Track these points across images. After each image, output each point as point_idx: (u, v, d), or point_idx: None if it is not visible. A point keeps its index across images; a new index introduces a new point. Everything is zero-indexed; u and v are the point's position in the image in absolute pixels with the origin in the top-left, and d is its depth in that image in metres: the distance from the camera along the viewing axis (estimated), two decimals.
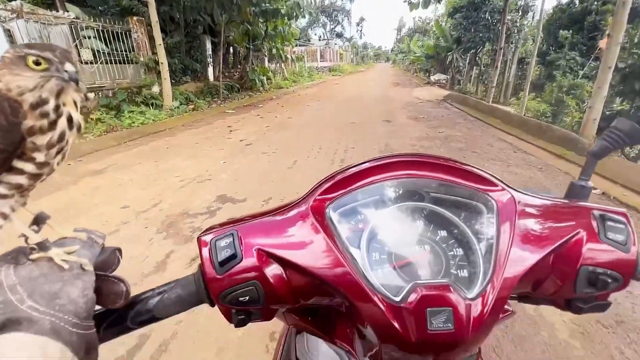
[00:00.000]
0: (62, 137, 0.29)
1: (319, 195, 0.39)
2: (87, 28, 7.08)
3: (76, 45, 6.87)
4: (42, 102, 0.27)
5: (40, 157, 0.28)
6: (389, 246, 0.36)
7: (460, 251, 0.35)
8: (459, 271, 0.34)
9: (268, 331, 1.62)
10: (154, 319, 0.36)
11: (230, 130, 5.97)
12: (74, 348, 0.26)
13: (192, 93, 9.11)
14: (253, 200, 3.02)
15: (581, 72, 12.58)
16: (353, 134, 5.59)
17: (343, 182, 0.40)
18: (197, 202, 2.97)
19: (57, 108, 0.28)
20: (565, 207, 0.41)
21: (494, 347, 1.55)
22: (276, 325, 1.55)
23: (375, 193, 0.40)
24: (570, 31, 13.79)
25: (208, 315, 1.72)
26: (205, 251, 0.35)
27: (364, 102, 10.06)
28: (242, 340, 1.59)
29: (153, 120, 6.59)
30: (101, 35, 7.20)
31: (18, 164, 0.27)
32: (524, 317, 1.73)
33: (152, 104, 7.41)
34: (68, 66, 0.28)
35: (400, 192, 0.40)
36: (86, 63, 6.99)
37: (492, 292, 0.31)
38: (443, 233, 0.37)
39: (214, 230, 0.37)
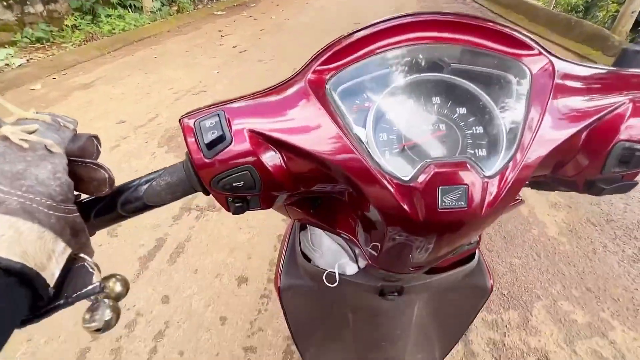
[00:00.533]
0: None
1: (317, 66, 0.33)
2: None
3: None
4: None
5: None
6: (398, 126, 0.31)
7: (480, 129, 0.30)
8: (476, 150, 0.30)
9: (275, 234, 1.74)
10: (145, 206, 0.34)
11: (222, 36, 5.40)
12: (55, 230, 0.25)
13: None
14: None
15: None
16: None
17: (346, 50, 0.33)
18: None
19: None
20: (613, 75, 0.34)
21: (486, 243, 1.66)
22: (283, 228, 1.66)
23: (383, 65, 0.33)
24: None
25: (217, 220, 1.83)
26: (189, 133, 0.31)
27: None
28: (252, 241, 1.72)
29: (134, 25, 5.92)
30: None
31: None
32: (517, 216, 1.81)
33: (130, 6, 6.55)
34: None
35: (414, 62, 0.33)
36: None
37: (513, 171, 0.28)
38: (462, 110, 0.32)
39: (197, 112, 0.33)
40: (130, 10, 6.53)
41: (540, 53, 0.33)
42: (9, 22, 5.08)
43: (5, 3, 5.01)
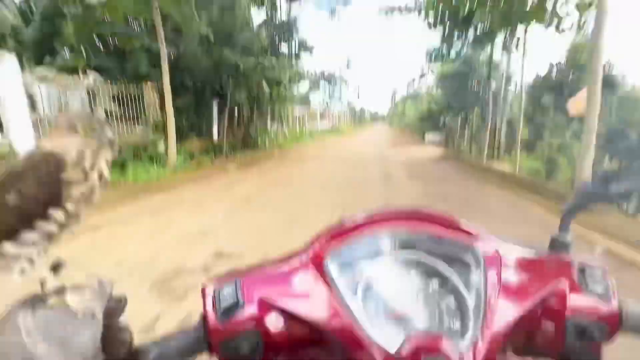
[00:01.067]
0: (92, 189, 0.32)
1: (318, 247, 0.42)
2: (103, 92, 7.67)
3: (91, 107, 7.36)
4: (82, 159, 0.31)
5: (71, 207, 0.31)
6: (384, 297, 0.37)
7: (452, 302, 0.37)
8: (451, 323, 0.35)
9: None
10: None
11: (231, 187, 6.06)
12: None
13: (197, 151, 9.48)
14: (250, 257, 2.93)
15: (567, 134, 13.31)
16: (352, 192, 5.68)
17: (340, 234, 0.44)
18: (193, 258, 2.88)
19: (92, 165, 0.31)
20: (548, 260, 0.44)
21: None
22: None
23: (370, 245, 0.42)
24: (552, 97, 14.95)
25: None
26: (209, 300, 0.36)
27: (363, 160, 10.41)
28: None
29: (156, 176, 6.74)
30: (116, 98, 7.76)
31: (52, 212, 0.30)
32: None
33: (156, 161, 7.66)
34: (108, 132, 0.32)
35: (394, 243, 0.43)
36: None
37: (483, 344, 0.32)
38: (436, 284, 0.39)
39: (218, 280, 0.39)
40: (156, 164, 7.59)
41: (487, 241, 0.42)
42: None
43: None
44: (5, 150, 5.22)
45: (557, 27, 7.03)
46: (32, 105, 6.50)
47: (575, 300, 0.36)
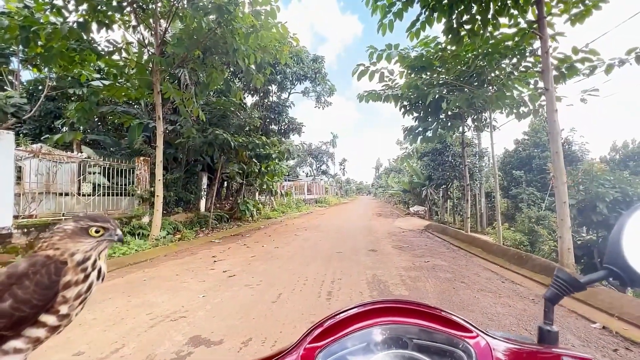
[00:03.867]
0: (89, 287, 0.34)
1: (308, 344, 0.41)
2: (94, 165, 7.80)
3: (79, 181, 7.38)
4: (87, 259, 0.33)
5: (64, 309, 0.32)
6: None
7: None
8: None
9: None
10: None
11: (215, 261, 5.82)
12: None
13: (182, 223, 9.30)
14: (230, 342, 2.69)
15: (543, 205, 13.95)
16: (340, 264, 5.54)
17: (331, 329, 0.43)
18: (165, 346, 2.61)
19: (94, 262, 0.34)
20: (538, 353, 0.43)
21: None
22: None
23: (362, 340, 0.41)
24: (523, 171, 16.08)
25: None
26: None
27: (349, 232, 10.38)
28: None
29: (136, 250, 6.45)
30: (107, 171, 7.88)
31: (43, 317, 0.31)
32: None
33: (138, 234, 7.42)
34: (118, 231, 0.36)
35: (386, 338, 0.42)
36: (84, 195, 7.36)
37: None
38: None
39: None
40: (136, 237, 7.34)
41: (478, 335, 0.43)
42: (18, 244, 5.50)
43: (25, 229, 5.64)
44: None
45: (515, 115, 7.98)
46: (19, 178, 6.49)
47: None
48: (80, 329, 2.91)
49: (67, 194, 7.03)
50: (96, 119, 11.23)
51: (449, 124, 9.70)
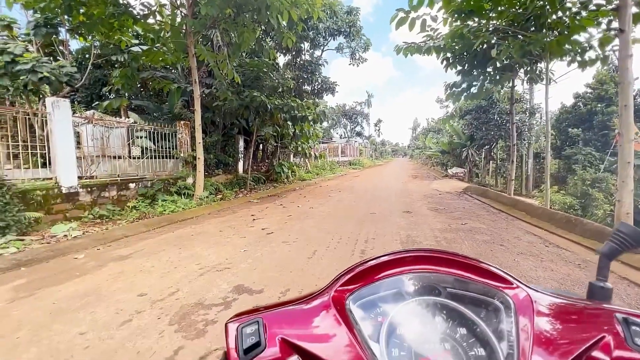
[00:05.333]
0: None
1: (339, 287, 0.41)
2: (141, 130, 8.31)
3: (129, 144, 7.96)
4: None
5: None
6: (408, 342, 0.35)
7: (481, 351, 0.34)
8: None
9: None
10: None
11: (254, 219, 6.16)
12: None
13: (222, 184, 9.83)
14: (270, 292, 2.92)
15: (602, 166, 12.65)
16: (373, 225, 5.60)
17: (362, 274, 0.42)
18: (213, 292, 2.90)
19: None
20: (587, 309, 0.40)
21: None
22: None
23: (393, 286, 0.41)
24: (581, 129, 14.45)
25: None
26: (232, 338, 0.36)
27: (384, 194, 10.32)
28: None
29: (183, 208, 7.00)
30: (151, 135, 8.38)
31: None
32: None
33: (184, 194, 8.00)
34: None
35: (418, 286, 0.41)
36: (134, 158, 7.96)
37: None
38: (463, 330, 0.37)
39: (241, 317, 0.40)
40: (183, 197, 7.93)
41: (518, 287, 0.40)
42: (85, 202, 6.21)
43: (89, 188, 6.32)
44: (50, 185, 5.67)
45: (579, 63, 6.98)
46: (78, 143, 7.13)
47: (621, 356, 0.32)
48: (141, 275, 3.32)
49: (119, 157, 7.64)
50: (138, 85, 11.71)
51: (498, 77, 8.80)
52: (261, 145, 14.55)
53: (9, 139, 5.48)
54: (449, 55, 8.41)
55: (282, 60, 14.51)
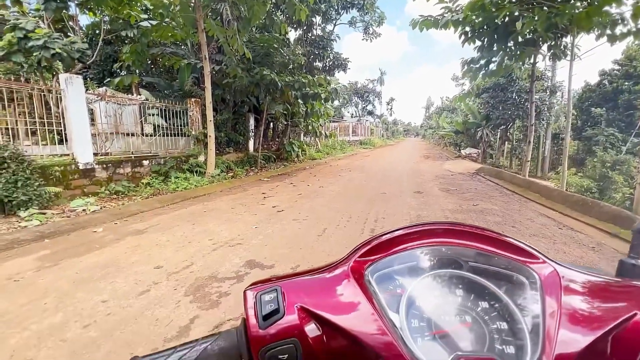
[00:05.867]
0: None
1: (358, 258, 0.41)
2: (152, 107, 8.35)
3: (141, 121, 8.03)
4: None
5: None
6: (427, 314, 0.35)
7: (504, 325, 0.34)
8: (504, 347, 0.32)
9: None
10: None
11: (264, 197, 6.24)
12: None
13: (233, 162, 9.91)
14: (281, 267, 2.99)
15: (624, 148, 12.14)
16: (383, 205, 5.59)
17: (382, 246, 0.42)
18: (226, 266, 2.99)
19: None
20: (617, 286, 0.39)
21: None
22: None
23: (413, 259, 0.41)
24: (604, 108, 13.78)
25: None
26: (251, 304, 0.37)
27: (395, 174, 10.24)
28: None
29: (195, 185, 7.13)
30: (163, 113, 8.42)
31: None
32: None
33: (196, 171, 8.12)
34: None
35: (438, 259, 0.40)
36: (146, 135, 8.06)
37: None
38: (484, 304, 0.36)
39: (259, 285, 0.40)
40: (195, 174, 8.05)
41: (544, 261, 0.39)
42: (101, 178, 6.38)
43: (104, 165, 6.47)
44: (67, 161, 5.82)
45: (609, 37, 6.54)
46: (92, 120, 7.23)
47: None
48: (157, 249, 3.44)
49: (132, 135, 7.74)
50: (149, 62, 11.65)
51: (518, 53, 8.36)
52: (271, 123, 14.47)
53: (26, 115, 5.59)
54: (467, 29, 7.98)
55: (292, 35, 14.10)
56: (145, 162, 7.43)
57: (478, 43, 8.48)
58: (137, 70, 10.35)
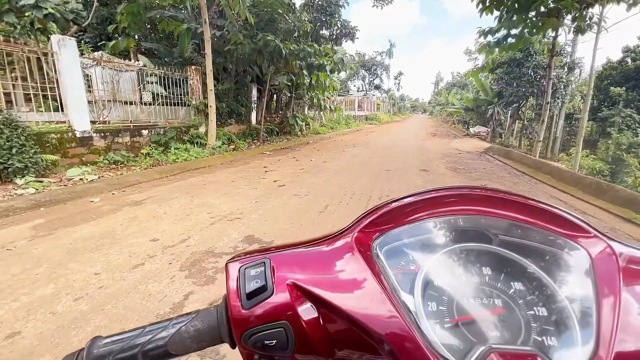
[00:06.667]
0: None
1: (364, 228, 0.34)
2: (151, 75, 8.02)
3: (139, 89, 7.74)
4: None
5: None
6: (448, 296, 0.29)
7: (543, 311, 0.27)
8: (544, 338, 0.26)
9: None
10: (167, 354, 0.31)
11: (266, 171, 6.09)
12: None
13: (235, 134, 9.69)
14: (281, 242, 2.89)
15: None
16: (388, 182, 5.44)
17: (392, 214, 0.35)
18: (224, 241, 2.90)
19: None
20: None
21: None
22: None
23: (430, 230, 0.34)
24: (624, 88, 13.14)
25: None
26: (233, 279, 0.31)
27: (400, 150, 9.99)
28: None
29: (195, 157, 6.98)
30: (162, 81, 8.10)
31: None
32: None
33: (196, 143, 7.94)
34: None
35: (461, 231, 0.34)
36: (145, 104, 7.80)
37: None
38: (518, 286, 0.29)
39: (245, 257, 0.34)
40: (195, 145, 7.88)
41: (595, 236, 0.32)
42: (99, 147, 6.24)
43: (102, 133, 6.30)
44: (64, 128, 5.65)
45: None
46: (89, 86, 6.98)
47: None
48: (154, 221, 3.35)
49: (131, 103, 7.49)
50: (148, 26, 11.10)
51: (540, 24, 7.80)
52: (275, 95, 14.04)
53: (19, 79, 5.36)
54: None
55: (298, 1, 13.29)
56: (145, 132, 7.25)
57: (496, 14, 7.91)
58: (135, 35, 9.86)
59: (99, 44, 10.57)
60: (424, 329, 0.26)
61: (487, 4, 7.83)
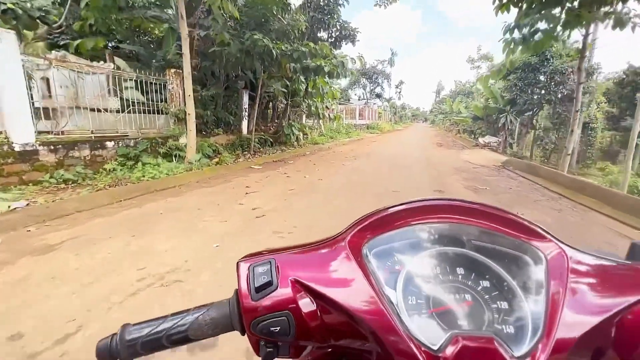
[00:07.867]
0: None
1: (355, 233, 0.39)
2: (128, 80, 7.00)
3: (107, 95, 6.70)
4: None
5: None
6: (426, 291, 0.34)
7: (505, 304, 0.32)
8: (504, 326, 0.31)
9: None
10: (187, 339, 0.36)
11: (247, 193, 4.97)
12: None
13: (222, 145, 8.61)
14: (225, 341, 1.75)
15: None
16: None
17: (381, 222, 0.40)
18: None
19: None
20: (626, 269, 0.35)
21: None
22: None
23: (412, 236, 0.39)
24: None
25: None
26: (243, 276, 0.35)
27: (406, 164, 8.85)
28: None
29: (166, 174, 5.88)
30: (140, 85, 7.08)
31: None
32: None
33: (175, 155, 6.86)
34: None
35: (439, 236, 0.38)
36: (117, 111, 6.74)
37: (544, 354, 0.28)
38: (485, 283, 0.34)
39: (253, 257, 0.38)
40: (174, 159, 6.80)
41: (551, 241, 0.36)
42: (47, 163, 5.16)
43: (52, 146, 5.23)
44: None
45: None
46: (48, 90, 5.96)
47: None
48: (49, 287, 2.20)
49: (98, 110, 6.45)
50: (127, 27, 10.16)
51: (570, 20, 6.75)
52: (270, 103, 13.02)
53: None
54: None
55: (297, 1, 12.37)
56: (110, 144, 6.18)
57: (517, 10, 6.87)
58: (107, 33, 8.78)
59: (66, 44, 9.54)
60: (404, 319, 0.30)
61: (505, 0, 6.81)
